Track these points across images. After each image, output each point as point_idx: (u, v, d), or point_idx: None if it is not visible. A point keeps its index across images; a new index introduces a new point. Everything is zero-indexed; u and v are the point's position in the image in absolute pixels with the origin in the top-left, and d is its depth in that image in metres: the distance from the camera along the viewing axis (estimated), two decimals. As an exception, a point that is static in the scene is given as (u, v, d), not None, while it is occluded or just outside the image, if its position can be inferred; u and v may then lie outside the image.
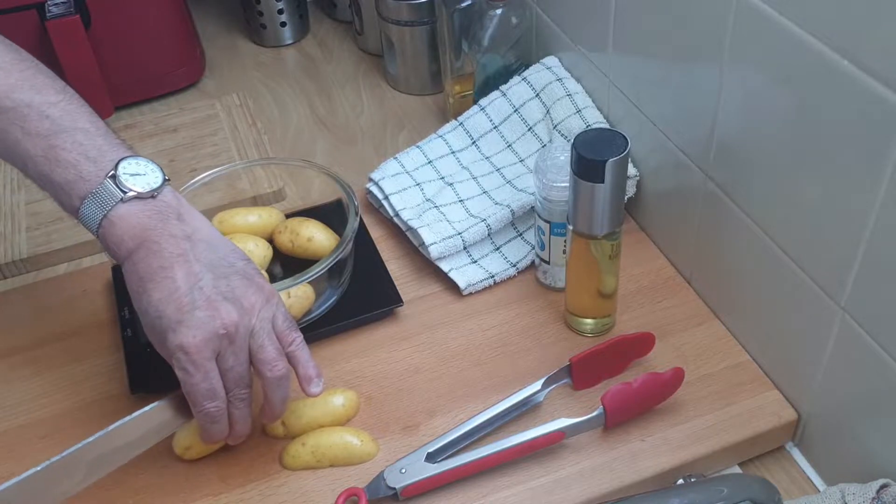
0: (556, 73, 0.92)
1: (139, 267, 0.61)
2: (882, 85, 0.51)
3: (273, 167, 0.95)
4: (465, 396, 0.72)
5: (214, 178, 0.83)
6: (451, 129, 0.95)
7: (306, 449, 0.68)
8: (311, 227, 0.80)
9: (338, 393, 0.71)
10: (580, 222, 0.69)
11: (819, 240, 0.61)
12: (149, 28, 1.08)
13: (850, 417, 0.64)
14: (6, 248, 0.89)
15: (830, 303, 0.61)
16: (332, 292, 0.79)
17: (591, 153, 0.64)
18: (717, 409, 0.70)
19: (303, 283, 0.73)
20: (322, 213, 0.84)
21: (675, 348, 0.75)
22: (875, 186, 0.54)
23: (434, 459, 0.66)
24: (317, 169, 0.84)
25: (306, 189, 0.96)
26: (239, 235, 0.79)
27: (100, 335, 0.80)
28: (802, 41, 0.56)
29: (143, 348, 0.76)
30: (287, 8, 1.21)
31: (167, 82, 1.13)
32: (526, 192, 0.84)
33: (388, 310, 0.79)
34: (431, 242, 0.81)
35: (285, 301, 0.73)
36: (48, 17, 0.98)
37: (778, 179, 0.64)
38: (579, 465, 0.67)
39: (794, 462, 0.70)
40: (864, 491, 0.57)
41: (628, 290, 0.80)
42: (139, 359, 0.75)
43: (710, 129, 0.70)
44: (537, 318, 0.79)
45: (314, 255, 0.79)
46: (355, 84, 1.15)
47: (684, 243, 0.80)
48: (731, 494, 0.58)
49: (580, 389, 0.72)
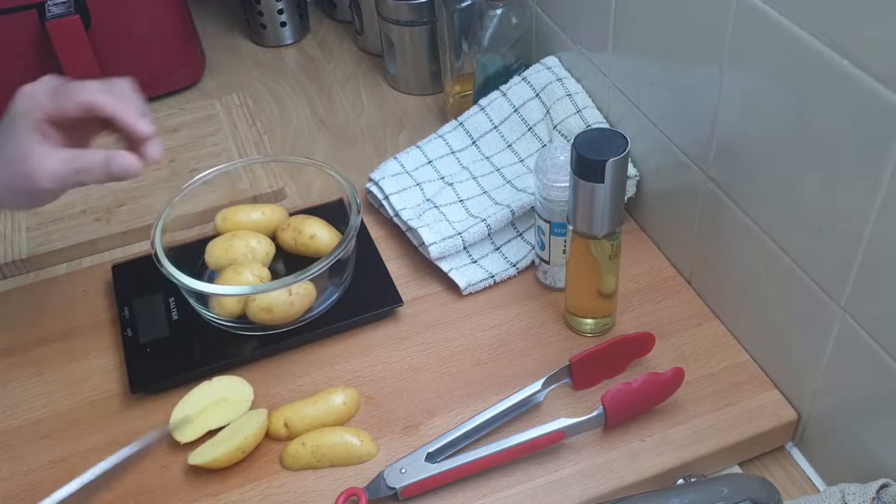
0: (556, 73, 0.92)
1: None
2: (882, 85, 0.51)
3: (273, 166, 0.95)
4: (465, 396, 0.72)
5: (215, 177, 0.83)
6: (451, 129, 0.95)
7: (306, 449, 0.68)
8: (313, 225, 0.80)
9: (338, 392, 0.71)
10: (580, 222, 0.69)
11: (819, 240, 0.61)
12: (149, 28, 1.08)
13: (850, 417, 0.64)
14: (6, 248, 0.89)
15: (830, 303, 0.61)
16: (333, 290, 0.79)
17: (591, 153, 0.64)
18: (717, 409, 0.70)
19: (305, 280, 0.73)
20: (323, 212, 0.84)
21: (675, 348, 0.75)
22: (875, 186, 0.54)
23: (434, 459, 0.66)
24: (317, 166, 0.84)
25: (306, 189, 0.96)
26: (242, 232, 0.79)
27: (100, 335, 0.80)
28: (802, 41, 0.56)
29: (143, 348, 0.76)
30: (287, 8, 1.21)
31: (167, 82, 1.13)
32: (526, 192, 0.84)
33: (389, 310, 0.79)
34: (431, 242, 0.81)
35: (286, 299, 0.73)
36: (48, 17, 0.98)
37: (778, 179, 0.64)
38: (579, 465, 0.67)
39: (794, 462, 0.70)
40: (864, 491, 0.57)
41: (628, 290, 0.80)
42: (139, 359, 0.75)
43: (710, 129, 0.70)
44: (537, 318, 0.79)
45: (316, 252, 0.79)
46: (355, 84, 1.15)
47: (684, 243, 0.80)
48: (731, 494, 0.58)
49: (580, 389, 0.72)
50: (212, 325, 0.77)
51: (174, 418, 0.70)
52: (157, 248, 0.75)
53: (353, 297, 0.80)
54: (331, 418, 0.70)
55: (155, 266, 0.74)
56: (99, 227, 0.91)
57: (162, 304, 0.80)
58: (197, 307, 0.76)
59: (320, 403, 0.70)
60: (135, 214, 0.93)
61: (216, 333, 0.77)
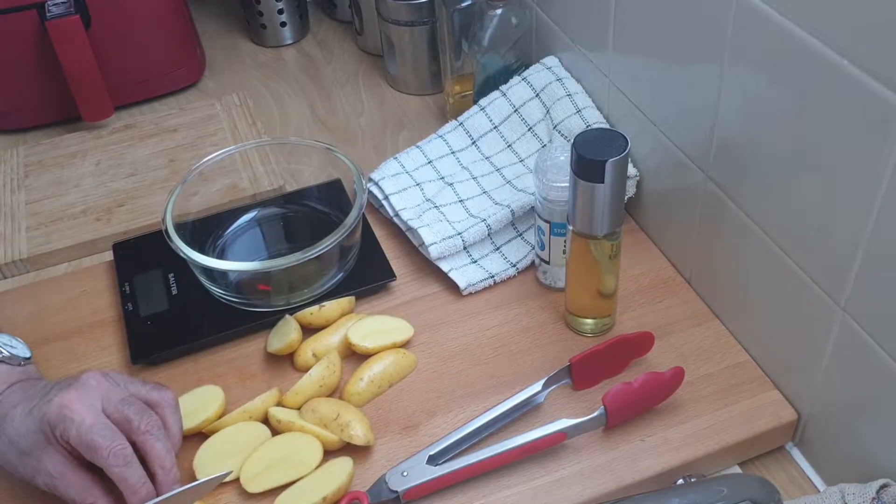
0: (556, 73, 0.92)
1: None
2: (882, 85, 0.51)
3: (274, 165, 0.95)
4: (465, 396, 0.72)
5: (216, 176, 0.84)
6: (451, 129, 0.95)
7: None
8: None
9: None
10: (580, 222, 0.69)
11: (819, 240, 0.61)
12: (149, 28, 1.07)
13: (850, 417, 0.64)
14: (6, 248, 0.89)
15: (830, 303, 0.61)
16: (337, 271, 0.80)
17: (591, 153, 0.64)
18: (717, 409, 0.70)
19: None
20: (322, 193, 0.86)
21: (675, 348, 0.75)
22: (875, 186, 0.54)
23: (436, 462, 0.66)
24: (321, 148, 0.85)
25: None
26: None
27: (100, 335, 0.80)
28: (802, 41, 0.56)
29: (144, 321, 0.79)
30: (287, 8, 1.21)
31: (167, 82, 1.13)
32: (526, 192, 0.84)
33: (383, 283, 0.82)
34: (431, 242, 0.81)
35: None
36: (48, 17, 0.98)
37: (778, 179, 0.64)
38: (579, 466, 0.67)
39: (794, 462, 0.70)
40: (864, 491, 0.57)
41: (628, 290, 0.80)
42: (140, 331, 0.78)
43: (710, 129, 0.70)
44: (537, 318, 0.79)
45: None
46: (355, 84, 1.15)
47: (684, 243, 0.80)
48: (731, 494, 0.58)
49: (580, 389, 0.72)
50: (213, 299, 0.79)
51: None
52: (167, 224, 0.77)
53: (354, 276, 0.82)
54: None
55: (154, 244, 0.79)
56: (99, 227, 0.91)
57: (161, 279, 0.82)
58: (205, 283, 0.79)
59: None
60: (135, 214, 0.93)
61: (214, 307, 0.79)
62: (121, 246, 0.87)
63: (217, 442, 0.69)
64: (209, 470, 0.67)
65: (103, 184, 0.97)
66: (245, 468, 0.67)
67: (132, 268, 0.84)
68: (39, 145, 1.03)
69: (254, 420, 0.70)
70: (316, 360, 0.73)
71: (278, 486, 0.66)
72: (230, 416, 0.70)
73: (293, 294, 0.78)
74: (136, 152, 1.01)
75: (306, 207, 0.90)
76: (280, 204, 0.91)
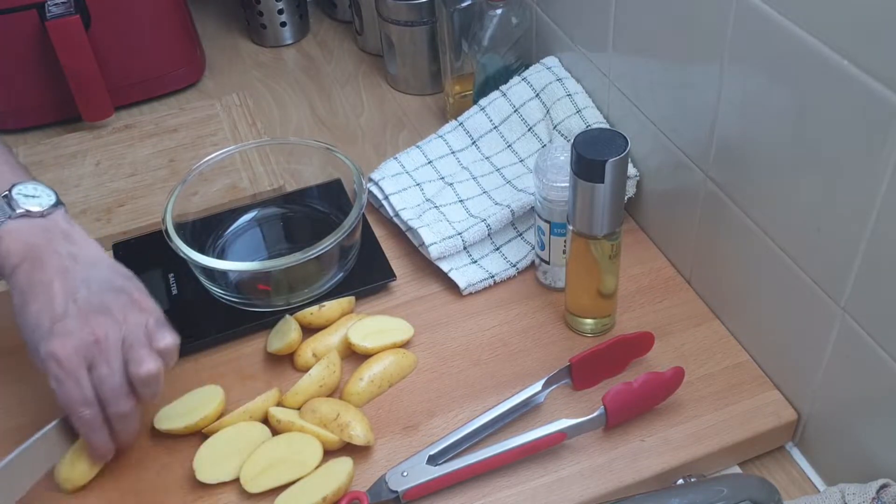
0: (556, 73, 0.92)
1: (21, 280, 0.64)
2: (882, 85, 0.51)
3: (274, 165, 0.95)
4: (465, 396, 0.72)
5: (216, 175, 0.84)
6: (451, 129, 0.95)
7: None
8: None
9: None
10: (580, 222, 0.69)
11: (819, 240, 0.61)
12: (149, 28, 1.07)
13: (850, 417, 0.64)
14: (6, 249, 0.89)
15: (830, 303, 0.61)
16: (337, 271, 0.80)
17: (591, 153, 0.64)
18: (717, 409, 0.70)
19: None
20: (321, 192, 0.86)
21: (675, 348, 0.75)
22: (875, 186, 0.54)
23: (436, 462, 0.66)
24: (321, 148, 0.85)
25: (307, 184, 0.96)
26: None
27: (100, 335, 0.80)
28: (802, 41, 0.56)
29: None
30: (287, 8, 1.21)
31: (167, 82, 1.13)
32: (526, 192, 0.84)
33: (382, 284, 0.82)
34: (431, 242, 0.81)
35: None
36: (48, 18, 0.97)
37: (778, 179, 0.64)
38: (579, 465, 0.67)
39: (794, 462, 0.70)
40: (864, 491, 0.57)
41: (628, 290, 0.80)
42: None
43: (710, 129, 0.70)
44: (537, 318, 0.79)
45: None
46: (355, 84, 1.15)
47: (684, 243, 0.80)
48: (731, 494, 0.58)
49: (580, 389, 0.72)
50: (213, 299, 0.79)
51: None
52: (167, 224, 0.77)
53: (354, 276, 0.82)
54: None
55: (154, 244, 0.79)
56: (99, 227, 0.91)
57: (161, 279, 0.82)
58: (205, 283, 0.79)
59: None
60: (135, 214, 0.93)
61: (214, 307, 0.79)
62: (121, 246, 0.87)
63: (217, 442, 0.69)
64: (209, 470, 0.67)
65: (103, 184, 0.97)
66: (245, 468, 0.67)
67: (132, 268, 0.82)
68: (39, 145, 1.03)
69: (254, 420, 0.70)
70: (316, 360, 0.73)
71: (278, 486, 0.66)
72: (230, 416, 0.70)
73: (293, 294, 0.79)
74: (136, 152, 1.01)
75: (306, 207, 0.90)
76: (280, 204, 0.91)
